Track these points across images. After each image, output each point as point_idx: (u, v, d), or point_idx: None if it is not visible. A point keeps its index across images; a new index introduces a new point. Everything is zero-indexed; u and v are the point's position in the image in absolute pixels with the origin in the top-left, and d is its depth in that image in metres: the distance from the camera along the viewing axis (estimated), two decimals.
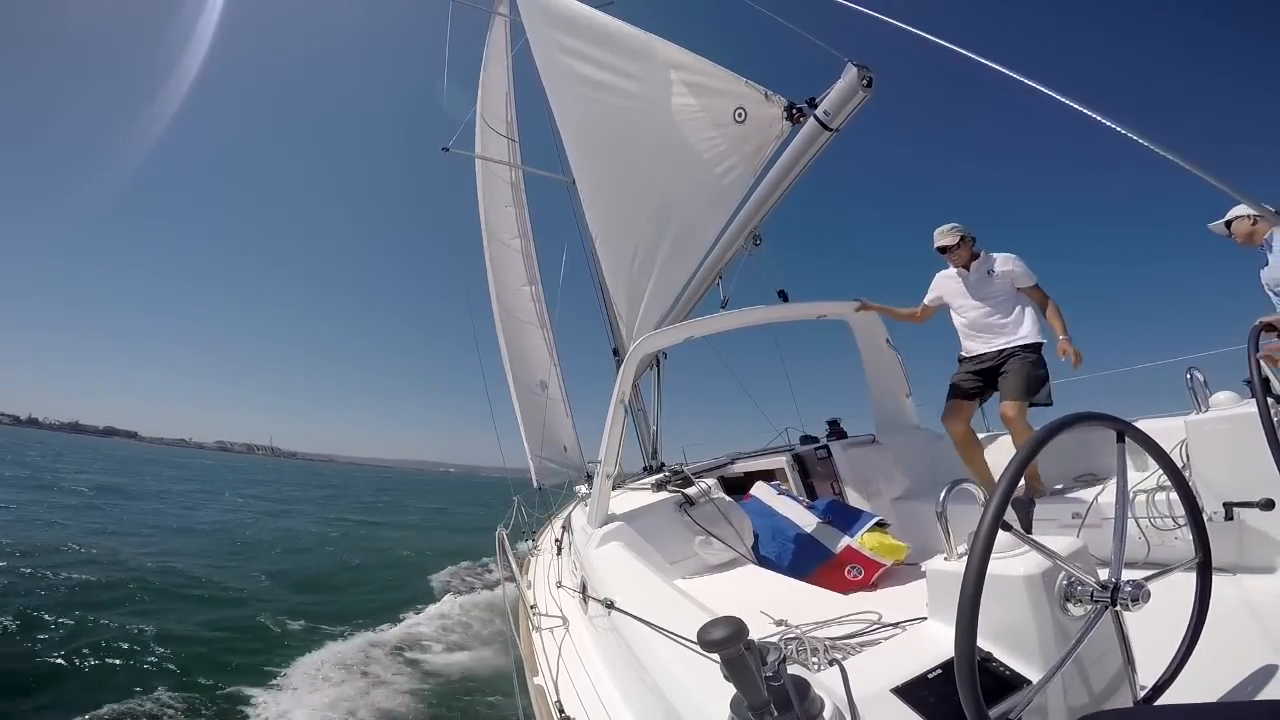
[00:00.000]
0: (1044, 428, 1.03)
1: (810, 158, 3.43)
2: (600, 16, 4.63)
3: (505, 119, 9.89)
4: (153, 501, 20.32)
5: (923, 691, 1.02)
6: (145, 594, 7.58)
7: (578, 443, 8.64)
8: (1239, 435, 1.86)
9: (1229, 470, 1.92)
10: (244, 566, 10.33)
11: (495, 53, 9.94)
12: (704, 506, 3.29)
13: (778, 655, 0.89)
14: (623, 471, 4.45)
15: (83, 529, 12.18)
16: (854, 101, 3.12)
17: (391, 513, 27.66)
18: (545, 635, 2.52)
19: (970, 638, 0.84)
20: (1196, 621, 1.14)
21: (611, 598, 1.93)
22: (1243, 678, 1.25)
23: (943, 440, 3.56)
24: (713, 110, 3.86)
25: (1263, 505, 1.79)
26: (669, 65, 4.03)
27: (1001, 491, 0.92)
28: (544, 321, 9.18)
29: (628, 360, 3.25)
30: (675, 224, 4.24)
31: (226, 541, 13.15)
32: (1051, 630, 1.02)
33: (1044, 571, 1.05)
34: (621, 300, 4.77)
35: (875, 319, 3.79)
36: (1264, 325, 1.92)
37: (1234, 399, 2.07)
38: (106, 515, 15.30)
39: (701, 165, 3.92)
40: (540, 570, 4.00)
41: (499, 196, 9.56)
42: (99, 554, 9.64)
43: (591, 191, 5.04)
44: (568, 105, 5.11)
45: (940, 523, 1.23)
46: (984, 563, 0.87)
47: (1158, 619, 1.08)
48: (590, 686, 1.94)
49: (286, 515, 21.08)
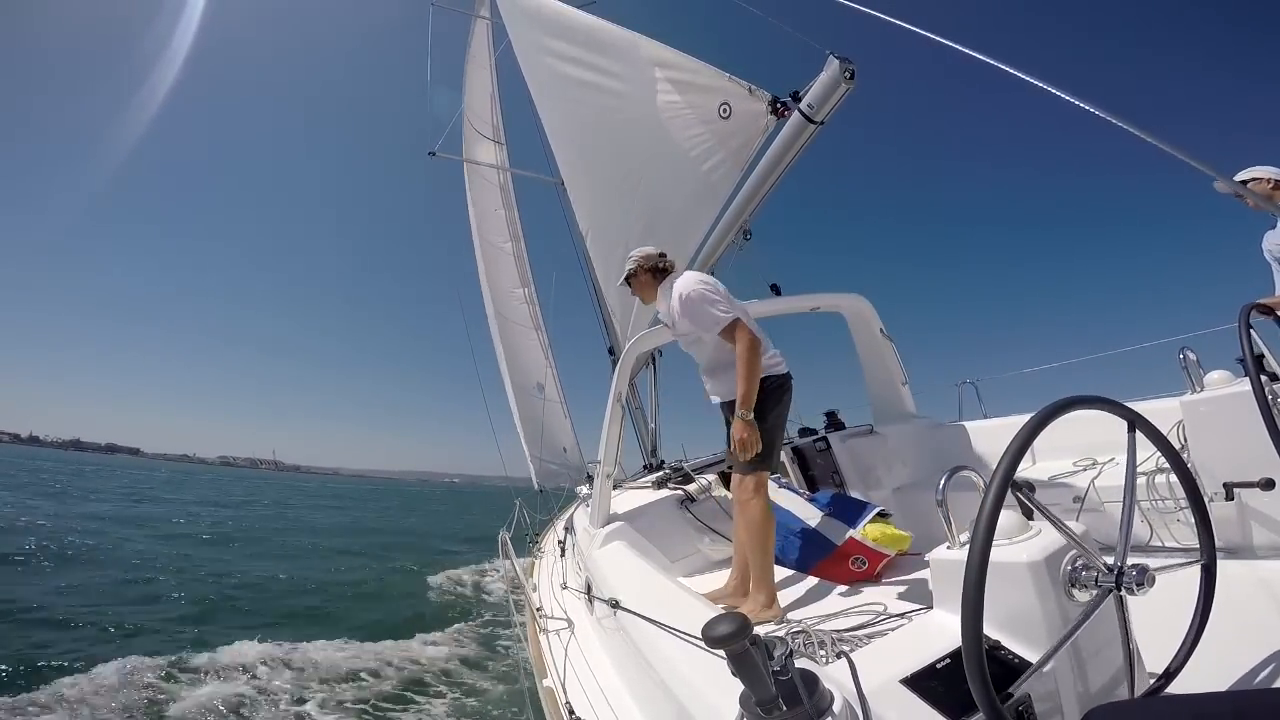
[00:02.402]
0: (1038, 412, 1.02)
1: (797, 151, 3.44)
2: (582, 16, 4.62)
3: (491, 122, 9.86)
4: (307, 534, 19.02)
5: (932, 682, 1.01)
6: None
7: (577, 444, 8.63)
8: (1235, 414, 1.85)
9: (1227, 450, 1.91)
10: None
11: (478, 56, 9.89)
12: (705, 503, 3.29)
13: (784, 649, 0.88)
14: (623, 471, 4.45)
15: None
16: (837, 94, 3.12)
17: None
18: (552, 637, 2.51)
19: (976, 626, 0.84)
20: (1203, 608, 1.14)
21: (616, 597, 1.93)
22: (1252, 664, 1.24)
23: (942, 427, 3.56)
24: (698, 107, 3.86)
25: (1263, 485, 1.79)
26: (653, 63, 4.02)
27: (1001, 477, 0.91)
28: (538, 324, 9.16)
29: (623, 359, 3.25)
30: (665, 221, 4.24)
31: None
32: (1058, 616, 1.02)
33: (1048, 557, 1.04)
34: (615, 299, 4.77)
35: (869, 308, 3.79)
36: (1254, 306, 1.93)
37: (1228, 378, 2.07)
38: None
39: (689, 162, 3.92)
40: (544, 572, 3.99)
41: (488, 200, 9.53)
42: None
43: (580, 191, 5.03)
44: (553, 106, 5.09)
45: (941, 510, 1.23)
46: (986, 550, 0.86)
47: (1164, 604, 1.07)
48: (599, 687, 1.94)
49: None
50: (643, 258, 2.67)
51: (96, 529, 14.41)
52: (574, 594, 2.95)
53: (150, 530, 15.60)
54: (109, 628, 6.66)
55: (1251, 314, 1.88)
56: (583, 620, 2.57)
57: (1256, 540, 1.88)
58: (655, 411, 5.58)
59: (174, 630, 6.81)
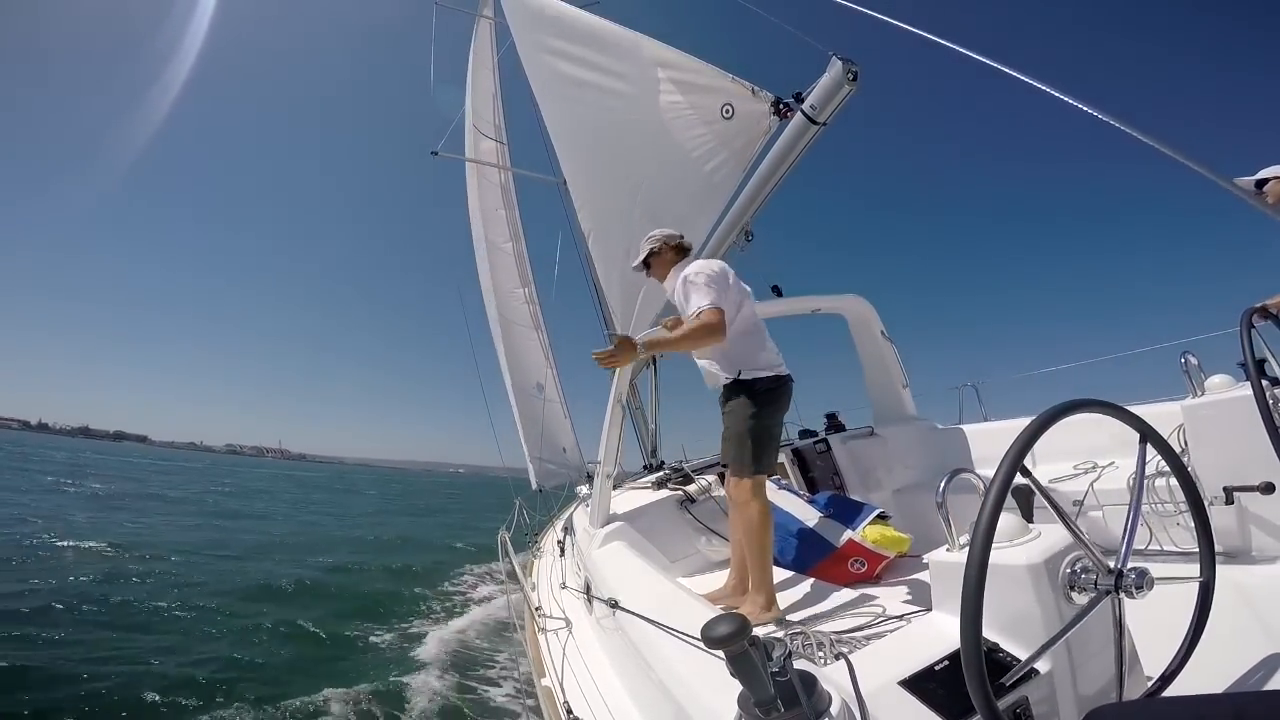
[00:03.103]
0: (1039, 416, 1.02)
1: (799, 152, 3.44)
2: (585, 16, 4.62)
3: (494, 122, 9.86)
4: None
5: (930, 684, 1.01)
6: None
7: (577, 444, 8.63)
8: (1236, 418, 1.85)
9: (1227, 454, 1.91)
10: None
11: (481, 55, 9.90)
12: (704, 504, 3.29)
13: (783, 650, 0.88)
14: (623, 471, 4.44)
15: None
16: (840, 95, 3.12)
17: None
18: (551, 637, 2.51)
19: (975, 628, 0.84)
20: (1201, 611, 1.14)
21: (616, 597, 1.92)
22: (1249, 667, 1.24)
23: (942, 430, 3.56)
24: (700, 107, 3.86)
25: (1263, 489, 1.78)
26: (656, 63, 4.03)
27: (1001, 479, 0.91)
28: (538, 323, 9.16)
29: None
30: (667, 222, 4.22)
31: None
32: (1058, 619, 1.01)
33: (1047, 559, 1.04)
34: (616, 299, 4.77)
35: (870, 311, 3.79)
36: (1256, 310, 1.93)
37: (1229, 382, 2.06)
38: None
39: (691, 163, 3.93)
40: (543, 572, 3.99)
41: (490, 199, 9.53)
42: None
43: (582, 192, 5.04)
44: (556, 106, 5.09)
45: (941, 513, 1.23)
46: (986, 552, 0.86)
47: (1162, 608, 1.07)
48: (598, 687, 1.94)
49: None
50: (665, 236, 2.67)
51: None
52: (573, 594, 2.95)
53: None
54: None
55: (1253, 317, 1.87)
56: (582, 620, 2.57)
57: (1256, 544, 1.88)
58: (655, 412, 5.58)
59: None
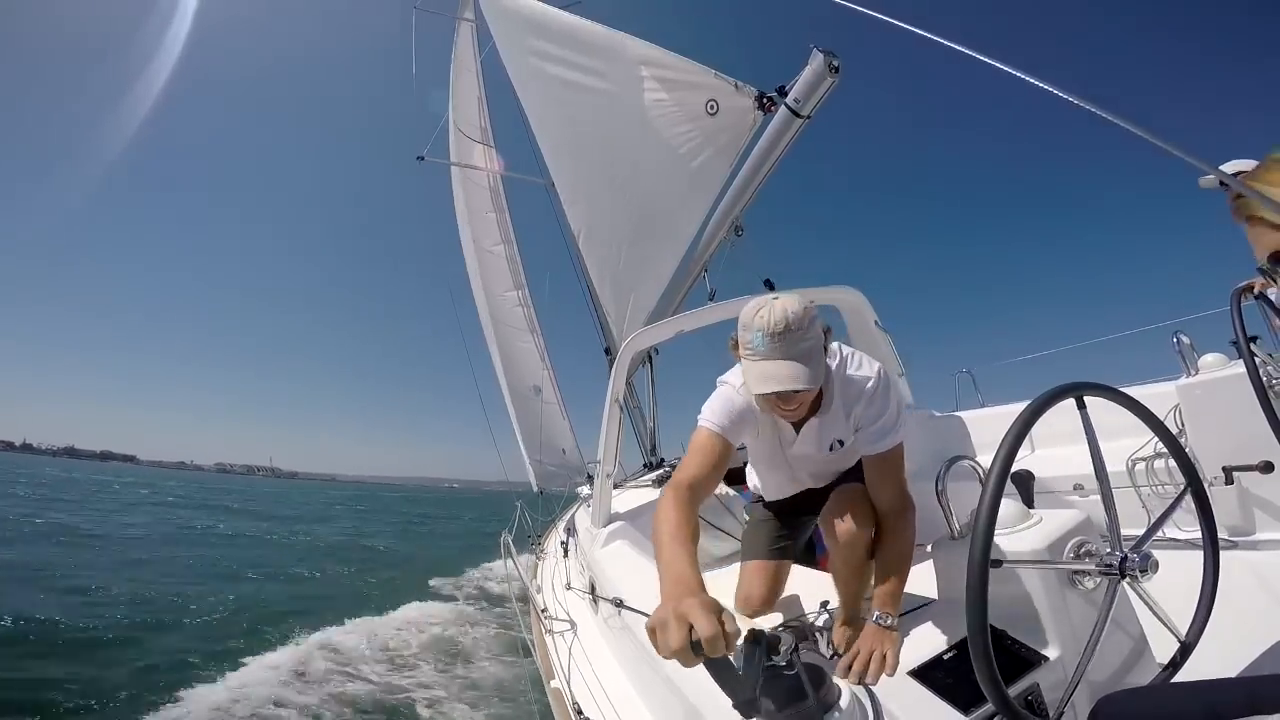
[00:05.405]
0: (1034, 400, 1.01)
1: (785, 145, 3.44)
2: (566, 16, 4.60)
3: (479, 125, 9.79)
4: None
5: (939, 673, 1.01)
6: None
7: (576, 445, 8.60)
8: (1231, 397, 1.84)
9: (1225, 434, 1.89)
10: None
11: (463, 58, 9.82)
12: (706, 500, 3.29)
13: (790, 645, 0.87)
14: (623, 470, 4.44)
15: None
16: (823, 88, 3.12)
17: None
18: (557, 638, 2.51)
19: (981, 617, 0.83)
20: (1209, 594, 1.12)
21: (621, 596, 1.92)
22: (1259, 648, 1.23)
23: (939, 418, 3.57)
24: (685, 104, 3.85)
25: (1262, 468, 1.77)
26: (639, 62, 4.02)
27: (1000, 465, 0.90)
28: (533, 326, 9.12)
29: (620, 358, 3.24)
30: (656, 220, 4.24)
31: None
32: (1063, 604, 1.01)
33: (1050, 545, 1.04)
34: (609, 299, 4.77)
35: (863, 301, 3.80)
36: (1245, 288, 1.93)
37: (1222, 360, 2.06)
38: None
39: (678, 160, 3.92)
40: (547, 574, 3.99)
41: (478, 203, 9.48)
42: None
43: (570, 192, 5.02)
44: (540, 107, 5.07)
45: (940, 501, 1.23)
46: (989, 540, 0.85)
47: (1169, 591, 1.06)
48: (606, 687, 1.94)
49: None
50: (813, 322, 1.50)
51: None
52: (578, 594, 2.95)
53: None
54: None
55: (1243, 296, 1.88)
56: (587, 620, 2.57)
57: (1258, 524, 1.86)
58: (654, 410, 5.58)
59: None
